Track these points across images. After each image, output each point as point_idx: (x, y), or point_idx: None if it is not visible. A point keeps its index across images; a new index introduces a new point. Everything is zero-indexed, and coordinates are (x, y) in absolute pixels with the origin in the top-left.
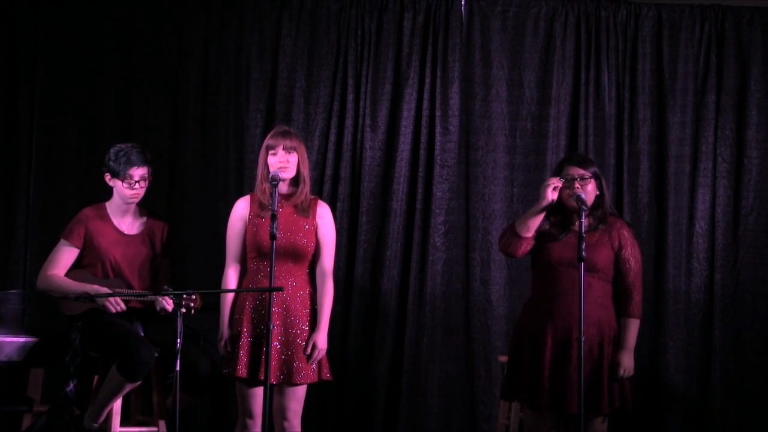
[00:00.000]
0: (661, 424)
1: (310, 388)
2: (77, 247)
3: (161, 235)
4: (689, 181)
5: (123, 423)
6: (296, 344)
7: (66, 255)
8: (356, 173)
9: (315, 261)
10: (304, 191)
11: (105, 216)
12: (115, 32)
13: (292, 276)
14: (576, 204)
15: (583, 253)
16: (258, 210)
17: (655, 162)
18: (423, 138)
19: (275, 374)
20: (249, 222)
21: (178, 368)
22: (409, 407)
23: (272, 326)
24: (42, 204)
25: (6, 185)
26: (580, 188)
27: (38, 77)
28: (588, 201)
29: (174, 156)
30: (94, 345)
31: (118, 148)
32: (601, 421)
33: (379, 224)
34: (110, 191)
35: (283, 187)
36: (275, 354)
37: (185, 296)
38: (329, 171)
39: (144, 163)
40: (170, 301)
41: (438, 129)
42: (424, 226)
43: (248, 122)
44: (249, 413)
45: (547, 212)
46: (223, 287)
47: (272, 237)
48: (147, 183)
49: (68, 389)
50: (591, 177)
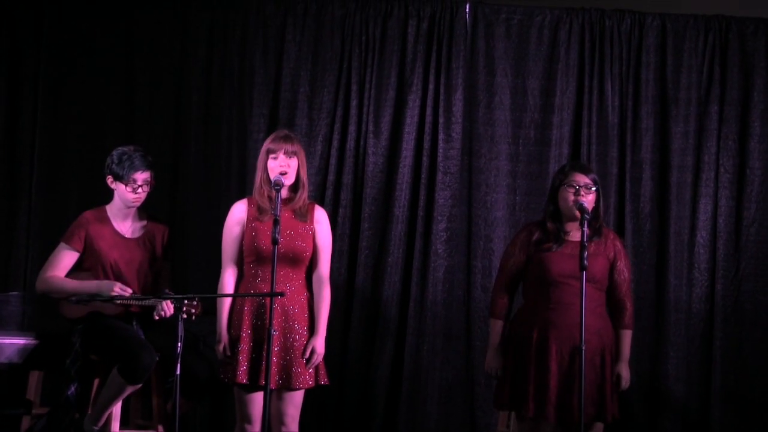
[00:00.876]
0: None
1: (310, 394)
2: (77, 251)
3: (162, 239)
4: (691, 191)
5: (122, 427)
6: (295, 349)
7: (66, 258)
8: (359, 179)
9: (312, 266)
10: (303, 196)
11: (105, 219)
12: (118, 35)
13: (290, 281)
14: (578, 212)
15: (585, 263)
16: (256, 214)
17: (658, 171)
18: (426, 144)
19: (274, 379)
20: (247, 226)
21: (178, 372)
22: (409, 414)
23: (274, 331)
24: (43, 206)
25: (8, 187)
26: (585, 196)
27: (41, 80)
28: (589, 209)
29: (176, 160)
30: (95, 348)
31: (121, 151)
32: (601, 427)
33: (381, 230)
34: (111, 194)
35: (283, 192)
36: (275, 359)
37: (186, 302)
38: (332, 176)
39: (147, 167)
40: (170, 305)
41: (441, 136)
42: (426, 233)
43: (251, 127)
44: (248, 418)
45: (545, 219)
46: (220, 291)
47: (274, 242)
48: (149, 187)
49: (69, 392)
50: (593, 185)
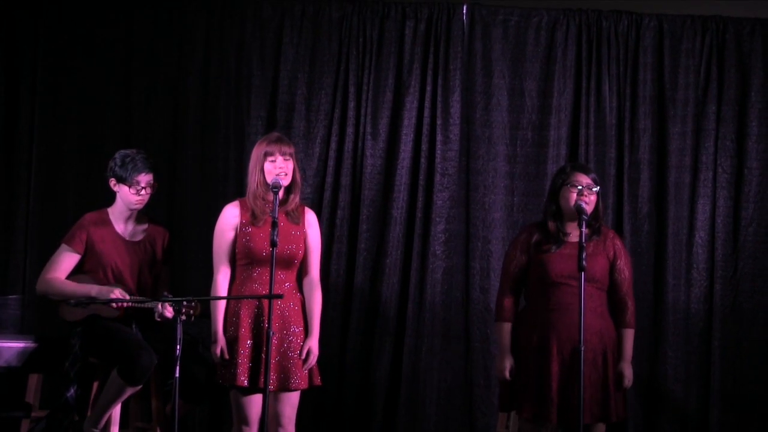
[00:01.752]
0: None
1: (309, 395)
2: (78, 253)
3: (162, 242)
4: (689, 192)
5: (122, 429)
6: (292, 350)
7: (67, 260)
8: (357, 181)
9: (302, 269)
10: (296, 198)
11: (107, 222)
12: (116, 39)
13: (284, 283)
14: (576, 212)
15: (584, 263)
16: (250, 218)
17: (656, 172)
18: (424, 146)
19: (273, 381)
20: (240, 230)
21: (177, 375)
22: (408, 415)
23: (273, 333)
24: (42, 210)
25: (6, 191)
26: (587, 197)
27: (39, 84)
28: (590, 209)
29: (174, 162)
30: (95, 350)
31: (124, 154)
32: (603, 428)
33: (380, 232)
34: (112, 197)
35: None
36: (272, 361)
37: (185, 303)
38: (330, 178)
39: (150, 170)
40: (170, 308)
41: (439, 137)
42: (424, 235)
43: (249, 129)
44: (245, 420)
45: (545, 219)
46: (213, 293)
47: (273, 244)
48: (152, 189)
49: (68, 395)
50: (594, 185)
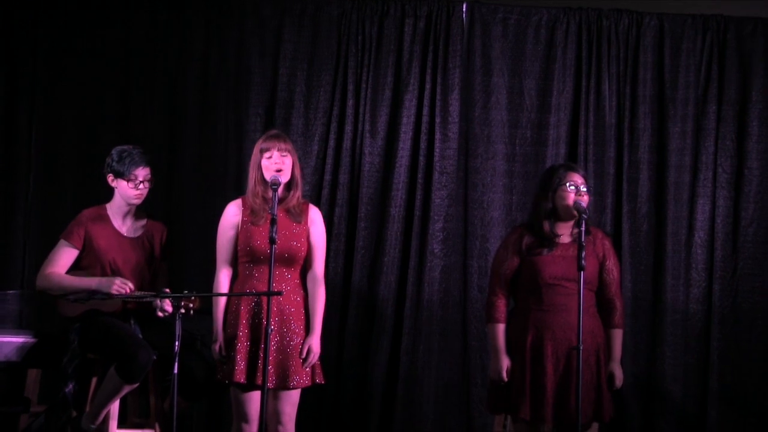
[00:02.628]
0: None
1: (306, 393)
2: (77, 248)
3: (160, 238)
4: (689, 191)
5: (120, 425)
6: (291, 348)
7: (66, 255)
8: (355, 179)
9: (306, 266)
10: (297, 195)
11: (105, 218)
12: (115, 36)
13: (285, 281)
14: (576, 212)
15: (583, 263)
16: (250, 216)
17: (655, 171)
18: (422, 144)
19: (271, 378)
20: (241, 228)
21: (176, 371)
22: (405, 413)
23: (271, 330)
24: (40, 206)
25: (4, 187)
26: (583, 197)
27: (37, 80)
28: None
29: (172, 159)
30: (93, 347)
31: (121, 149)
32: (597, 427)
33: (378, 230)
34: (110, 193)
35: (278, 191)
36: (271, 358)
37: (184, 300)
38: (328, 176)
39: (147, 164)
40: (169, 303)
41: (437, 136)
42: (422, 233)
43: (248, 126)
44: (245, 417)
45: (537, 220)
46: (215, 291)
47: (272, 241)
48: (150, 184)
49: (66, 390)
50: (586, 186)
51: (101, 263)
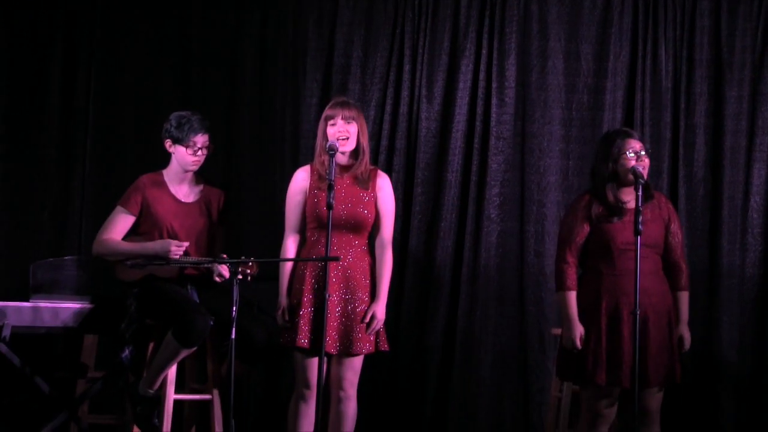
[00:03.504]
0: (713, 400)
1: (365, 359)
2: (134, 215)
3: (218, 204)
4: (745, 156)
5: (177, 390)
6: (356, 315)
7: (122, 221)
8: (411, 144)
9: (374, 232)
10: (364, 162)
11: (162, 183)
12: (173, 4)
13: (352, 247)
14: (632, 177)
15: (641, 227)
16: (317, 182)
17: (711, 136)
18: (479, 110)
19: (334, 344)
20: (309, 193)
21: (233, 336)
22: (462, 379)
23: (328, 295)
24: (97, 172)
25: (62, 153)
26: (644, 161)
27: (96, 46)
28: (646, 174)
29: (231, 126)
30: (150, 312)
31: (180, 115)
32: (660, 395)
33: (434, 196)
34: (167, 159)
35: (343, 159)
36: (335, 324)
37: (242, 265)
38: (385, 142)
39: (207, 131)
40: (227, 268)
41: (494, 101)
42: (479, 198)
43: (305, 92)
44: (306, 383)
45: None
46: (282, 256)
47: (329, 207)
48: (208, 151)
49: (123, 355)
50: (646, 151)
51: (159, 229)
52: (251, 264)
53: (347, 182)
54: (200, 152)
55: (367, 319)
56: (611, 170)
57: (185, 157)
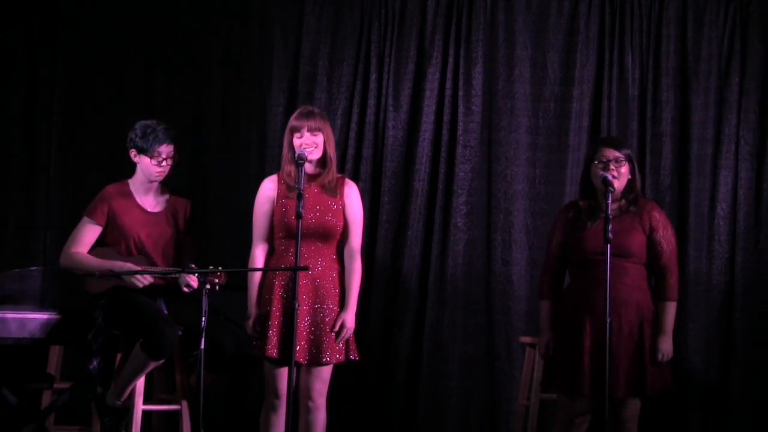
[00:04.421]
0: (680, 406)
1: (333, 368)
2: (100, 225)
3: (184, 213)
4: (711, 164)
5: (146, 401)
6: (325, 324)
7: (89, 233)
8: (378, 153)
9: (343, 240)
10: (332, 170)
11: (128, 194)
12: (138, 10)
13: (321, 256)
14: (603, 186)
15: (610, 235)
16: (285, 191)
17: (678, 144)
18: (446, 118)
19: (304, 354)
20: (277, 202)
21: (203, 347)
22: (430, 387)
23: (297, 305)
24: (62, 182)
25: (26, 163)
26: (615, 170)
27: (60, 55)
28: (621, 184)
29: (196, 135)
30: (118, 323)
31: (145, 125)
32: (638, 404)
33: (401, 204)
34: (132, 169)
35: (310, 168)
36: (305, 334)
37: (210, 274)
38: (351, 150)
39: (171, 141)
40: (195, 278)
41: (461, 109)
42: (446, 207)
43: (271, 101)
44: (276, 393)
45: (580, 195)
46: (251, 266)
47: (299, 216)
48: (173, 161)
49: (91, 367)
50: (625, 159)
51: (125, 239)
52: (220, 274)
53: (315, 191)
54: (165, 163)
55: (337, 328)
56: (584, 176)
57: (150, 168)
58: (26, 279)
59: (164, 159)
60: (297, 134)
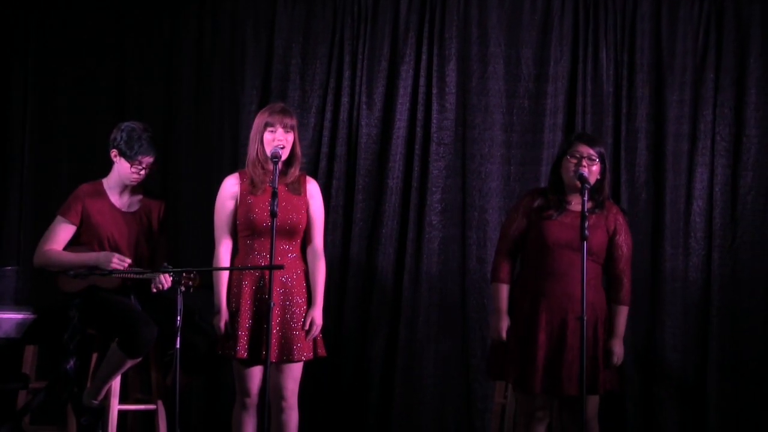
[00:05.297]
0: (657, 403)
1: (306, 367)
2: (74, 224)
3: (158, 214)
4: (687, 160)
5: (121, 401)
6: (293, 321)
7: (63, 231)
8: (352, 151)
9: (305, 239)
10: (296, 171)
11: (102, 193)
12: (109, 8)
13: (287, 254)
14: (578, 182)
15: (586, 233)
16: (249, 188)
17: (653, 140)
18: (419, 115)
19: (274, 352)
20: (240, 201)
21: (179, 346)
22: (405, 386)
23: (273, 304)
24: (35, 181)
25: None
26: (587, 168)
27: (31, 55)
28: (591, 181)
29: (168, 134)
30: (94, 322)
31: (131, 129)
32: (596, 401)
33: (375, 202)
34: (106, 168)
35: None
36: (275, 332)
37: (185, 275)
38: (325, 149)
39: (155, 152)
40: (168, 278)
41: (435, 106)
42: (420, 205)
43: (243, 99)
44: (247, 392)
45: (548, 189)
46: (216, 265)
47: (273, 214)
48: (150, 171)
49: (68, 366)
50: (597, 158)
51: (99, 239)
52: (194, 275)
53: (281, 189)
54: (143, 171)
55: (307, 326)
56: (554, 170)
57: (127, 173)
58: (1, 279)
59: (144, 168)
60: (271, 129)
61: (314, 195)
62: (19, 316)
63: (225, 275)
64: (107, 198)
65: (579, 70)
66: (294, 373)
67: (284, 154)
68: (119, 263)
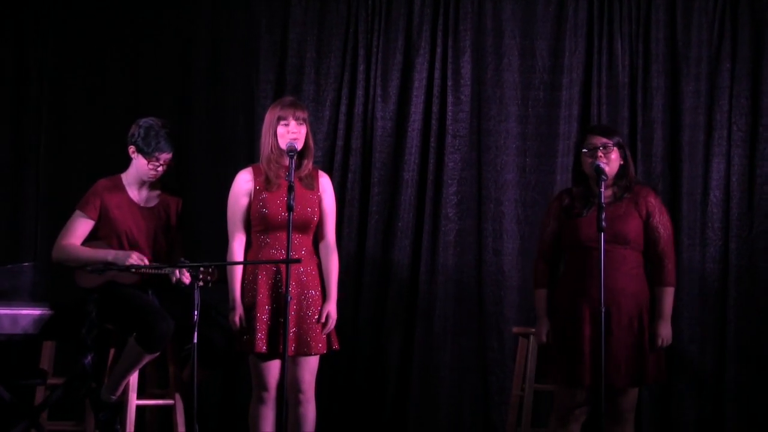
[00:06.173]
0: (675, 394)
1: (322, 360)
2: (92, 219)
3: (176, 209)
4: (703, 150)
5: (139, 396)
6: (309, 315)
7: (81, 226)
8: (367, 144)
9: (318, 234)
10: (309, 164)
11: (120, 188)
12: (125, 3)
13: (302, 247)
14: (595, 174)
15: (603, 223)
16: (264, 183)
17: (669, 131)
18: (434, 108)
19: (291, 345)
20: (254, 196)
21: (196, 341)
22: (422, 379)
23: (290, 298)
24: (52, 176)
25: (15, 157)
26: (603, 157)
27: (47, 50)
28: (612, 170)
29: (183, 127)
30: (112, 317)
31: (149, 125)
32: (636, 393)
33: (391, 195)
34: (123, 163)
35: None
36: (291, 325)
37: (202, 270)
38: (340, 142)
39: (172, 149)
40: (187, 274)
41: (450, 99)
42: (436, 197)
43: (258, 93)
44: (264, 386)
45: (573, 184)
46: (230, 260)
47: (290, 209)
48: (168, 168)
49: (85, 362)
50: (614, 146)
51: (117, 234)
52: (212, 270)
53: (296, 184)
54: (161, 168)
55: (323, 320)
56: (575, 165)
57: (144, 169)
58: (18, 275)
59: (161, 165)
60: (284, 122)
61: (326, 189)
62: (37, 312)
63: (239, 271)
64: (126, 193)
65: (594, 61)
66: (311, 366)
67: (298, 146)
68: (138, 261)
